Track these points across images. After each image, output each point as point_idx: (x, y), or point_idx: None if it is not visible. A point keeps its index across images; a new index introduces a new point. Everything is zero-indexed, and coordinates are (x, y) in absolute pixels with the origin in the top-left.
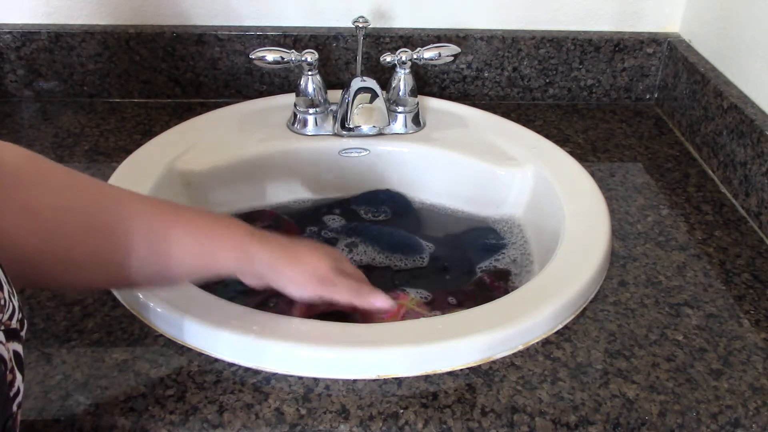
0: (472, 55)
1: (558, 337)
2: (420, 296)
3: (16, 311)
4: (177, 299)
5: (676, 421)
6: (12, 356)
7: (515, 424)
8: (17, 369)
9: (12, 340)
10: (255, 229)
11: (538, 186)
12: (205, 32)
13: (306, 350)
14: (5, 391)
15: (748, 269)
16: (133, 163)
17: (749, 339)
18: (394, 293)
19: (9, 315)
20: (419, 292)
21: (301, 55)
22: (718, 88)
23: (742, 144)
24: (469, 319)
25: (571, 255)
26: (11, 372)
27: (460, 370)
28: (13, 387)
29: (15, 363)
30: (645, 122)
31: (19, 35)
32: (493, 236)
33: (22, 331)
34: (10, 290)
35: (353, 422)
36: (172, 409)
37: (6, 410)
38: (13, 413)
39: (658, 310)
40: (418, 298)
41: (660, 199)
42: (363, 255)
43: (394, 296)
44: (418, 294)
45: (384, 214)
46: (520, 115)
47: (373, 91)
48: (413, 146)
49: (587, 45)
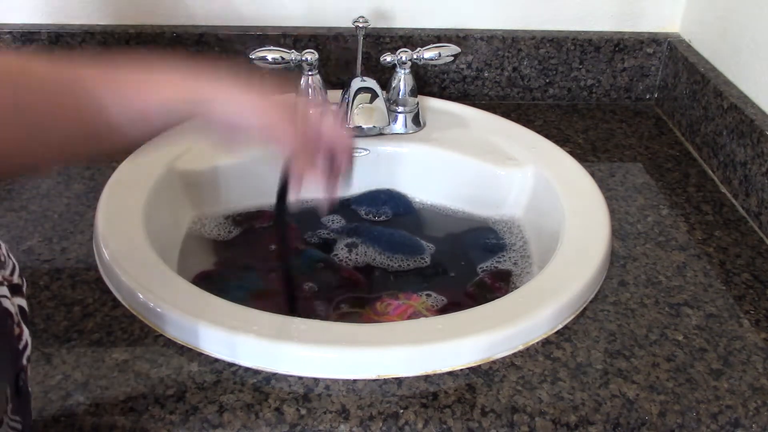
0: (472, 55)
1: (558, 337)
2: (432, 302)
3: (16, 267)
4: (177, 299)
5: (676, 421)
6: (17, 311)
7: (515, 424)
8: (23, 323)
9: (16, 295)
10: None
11: (538, 186)
12: (205, 32)
13: (306, 350)
14: (14, 344)
15: (748, 269)
16: (133, 163)
17: (749, 339)
18: (407, 293)
19: (10, 271)
20: (434, 296)
21: (301, 55)
22: (718, 88)
23: (742, 144)
24: (469, 319)
25: (571, 255)
26: (18, 326)
27: (460, 370)
28: (21, 340)
29: (21, 317)
30: (645, 122)
31: (19, 35)
32: (493, 236)
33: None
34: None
35: (353, 422)
36: (172, 409)
37: (17, 362)
38: (23, 366)
39: (658, 310)
40: (429, 303)
41: (660, 199)
42: (363, 255)
43: (407, 296)
44: (429, 298)
45: (384, 214)
46: (520, 115)
47: (373, 91)
48: (413, 146)
49: (587, 45)
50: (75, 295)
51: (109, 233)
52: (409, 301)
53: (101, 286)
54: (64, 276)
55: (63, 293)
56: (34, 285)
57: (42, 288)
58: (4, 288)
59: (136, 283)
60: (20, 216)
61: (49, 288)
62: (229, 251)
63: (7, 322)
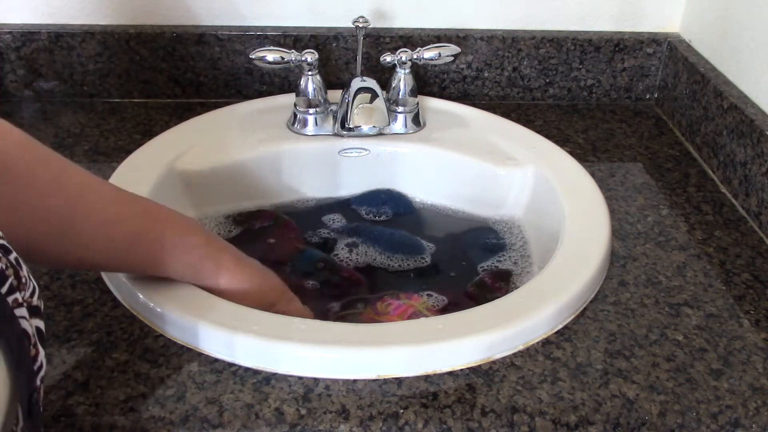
0: (472, 55)
1: (558, 337)
2: (433, 301)
3: (36, 290)
4: (177, 299)
5: (676, 421)
6: (35, 332)
7: (515, 424)
8: (40, 344)
9: (34, 316)
10: (212, 239)
11: (538, 186)
12: (205, 32)
13: (306, 350)
14: (30, 365)
15: (748, 269)
16: (133, 163)
17: (749, 339)
18: (408, 293)
19: (30, 292)
20: (434, 296)
21: (301, 55)
22: (718, 88)
23: (742, 144)
24: (469, 319)
25: (571, 255)
26: (34, 347)
27: (460, 370)
28: (36, 361)
29: (38, 338)
30: (645, 122)
31: (19, 35)
32: (493, 236)
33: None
34: (28, 269)
35: (353, 422)
36: (172, 409)
37: (31, 383)
38: (37, 387)
39: (658, 310)
40: (429, 303)
41: (660, 199)
42: (364, 255)
43: (407, 296)
44: (430, 298)
45: (385, 214)
46: (520, 115)
47: (373, 91)
48: (413, 146)
49: (587, 45)
50: (75, 295)
51: None
52: (410, 301)
53: (101, 286)
54: (64, 276)
55: (63, 293)
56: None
57: (42, 288)
58: (24, 309)
59: (136, 283)
60: None
61: (49, 288)
62: None
63: (24, 343)
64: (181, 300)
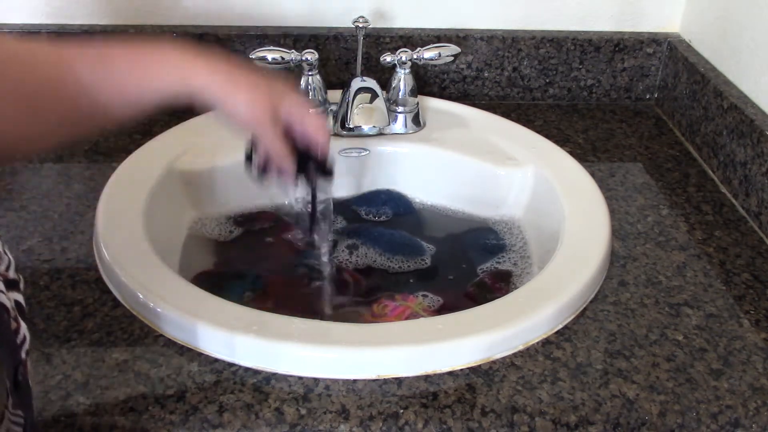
0: (472, 55)
1: (558, 337)
2: (429, 302)
3: (12, 263)
4: (177, 299)
5: (676, 421)
6: (13, 305)
7: (515, 424)
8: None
9: (12, 289)
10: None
11: (538, 186)
12: (205, 32)
13: (306, 350)
14: (12, 338)
15: (748, 269)
16: (133, 163)
17: (749, 339)
18: (404, 295)
19: (6, 266)
20: (430, 297)
21: (301, 55)
22: (718, 88)
23: (742, 144)
24: (469, 319)
25: (571, 255)
26: (15, 320)
27: (460, 370)
28: (18, 334)
29: (18, 312)
30: (645, 122)
31: (19, 35)
32: (493, 237)
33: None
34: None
35: (353, 422)
36: (172, 409)
37: (15, 357)
38: (22, 360)
39: (658, 310)
40: (425, 303)
41: (660, 199)
42: (364, 257)
43: (403, 297)
44: (425, 299)
45: (385, 214)
46: (520, 115)
47: (373, 91)
48: (413, 146)
49: (587, 45)
50: (75, 295)
51: (109, 233)
52: (406, 302)
53: (101, 286)
54: (64, 276)
55: (63, 293)
56: (34, 285)
57: (42, 288)
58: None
59: (136, 283)
60: (20, 216)
61: (49, 288)
62: (230, 251)
63: (3, 316)
64: (181, 300)
